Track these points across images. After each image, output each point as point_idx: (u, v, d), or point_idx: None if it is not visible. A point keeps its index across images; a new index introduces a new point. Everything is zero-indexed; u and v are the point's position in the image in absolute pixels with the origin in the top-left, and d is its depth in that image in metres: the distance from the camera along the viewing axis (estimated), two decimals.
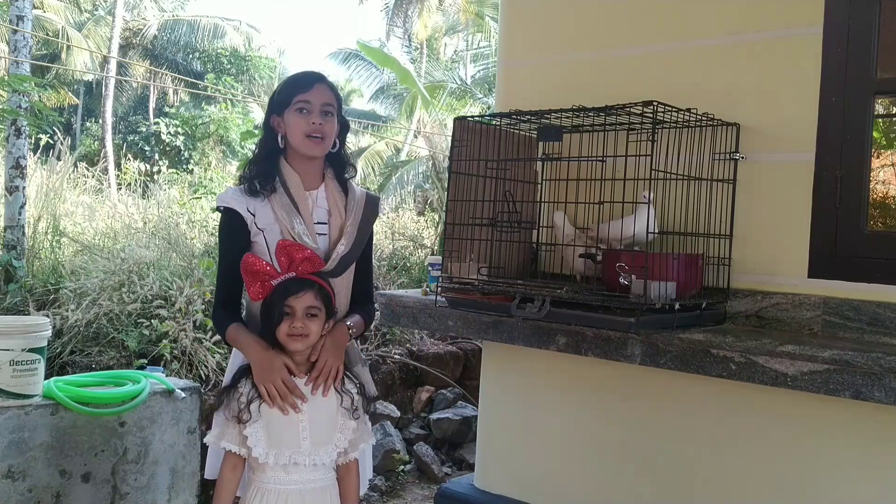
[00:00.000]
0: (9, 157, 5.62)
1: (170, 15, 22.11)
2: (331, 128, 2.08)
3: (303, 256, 1.95)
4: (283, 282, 1.92)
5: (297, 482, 1.89)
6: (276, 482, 1.89)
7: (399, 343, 5.36)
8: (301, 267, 1.94)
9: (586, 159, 2.32)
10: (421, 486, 4.27)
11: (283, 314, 1.89)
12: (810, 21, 2.23)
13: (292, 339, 1.89)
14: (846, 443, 2.12)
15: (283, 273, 1.94)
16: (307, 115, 2.04)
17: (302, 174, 2.10)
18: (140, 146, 18.35)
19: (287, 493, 1.89)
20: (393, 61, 10.74)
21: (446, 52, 23.58)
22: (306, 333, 1.90)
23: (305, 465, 1.90)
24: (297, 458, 1.88)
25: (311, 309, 1.91)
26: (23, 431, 2.24)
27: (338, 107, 2.12)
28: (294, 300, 1.89)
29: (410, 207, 10.91)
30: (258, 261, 1.95)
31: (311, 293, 1.91)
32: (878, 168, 3.59)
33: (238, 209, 2.04)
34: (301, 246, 1.97)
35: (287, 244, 1.96)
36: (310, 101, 2.05)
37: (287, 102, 2.07)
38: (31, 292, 4.91)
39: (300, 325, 1.89)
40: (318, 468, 1.92)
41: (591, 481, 2.62)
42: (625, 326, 2.10)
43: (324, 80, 2.12)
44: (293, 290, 1.90)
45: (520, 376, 2.82)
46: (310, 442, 1.90)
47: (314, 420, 1.92)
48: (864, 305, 2.12)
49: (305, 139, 2.04)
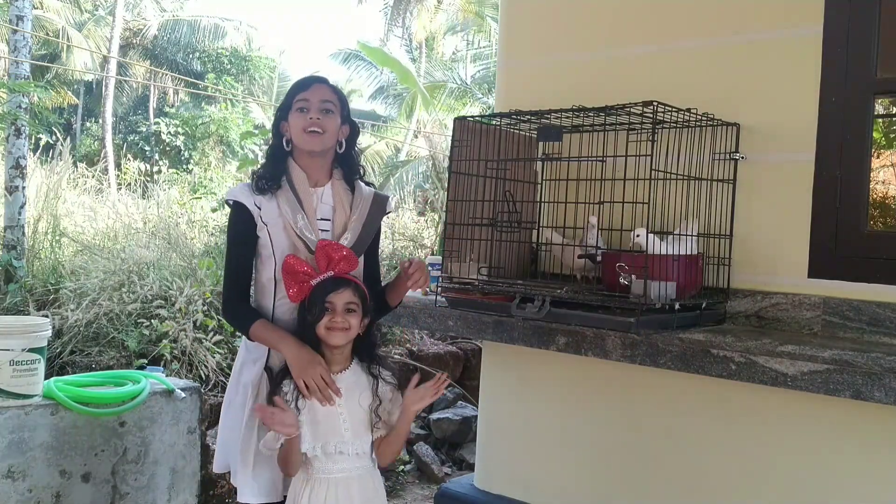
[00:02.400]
0: (9, 157, 5.62)
1: (170, 15, 22.11)
2: (331, 123, 2.12)
3: (340, 256, 2.02)
4: (323, 280, 2.00)
5: (342, 470, 1.98)
6: (324, 472, 1.97)
7: (399, 343, 5.36)
8: (339, 266, 2.02)
9: (586, 159, 2.32)
10: (421, 486, 4.27)
11: (323, 310, 1.96)
12: (810, 21, 2.23)
13: (333, 332, 1.96)
14: (846, 443, 2.12)
15: (322, 273, 2.01)
16: (306, 112, 2.10)
17: (308, 172, 2.14)
18: (140, 146, 18.35)
19: (335, 482, 1.97)
20: (393, 61, 10.75)
21: (445, 51, 23.57)
22: (346, 327, 1.97)
23: (349, 455, 1.98)
24: (342, 447, 1.97)
25: (350, 304, 1.98)
26: (23, 431, 2.24)
27: (341, 106, 2.17)
28: (334, 296, 1.97)
29: (410, 207, 10.90)
30: (298, 261, 2.02)
31: (349, 290, 1.99)
32: (878, 168, 3.59)
33: (245, 202, 2.09)
34: (339, 245, 2.04)
35: (325, 244, 2.03)
36: (308, 99, 2.11)
37: (289, 104, 2.14)
38: (31, 292, 4.91)
39: (340, 319, 1.96)
40: (361, 457, 2.01)
41: (591, 481, 2.62)
42: (625, 326, 2.10)
43: (323, 81, 2.18)
44: (332, 287, 1.98)
45: (520, 376, 2.82)
46: (351, 433, 1.99)
47: (352, 412, 2.00)
48: (864, 305, 2.12)
49: (304, 134, 2.09)
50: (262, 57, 21.59)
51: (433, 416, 4.79)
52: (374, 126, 17.64)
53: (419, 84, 11.25)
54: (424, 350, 5.25)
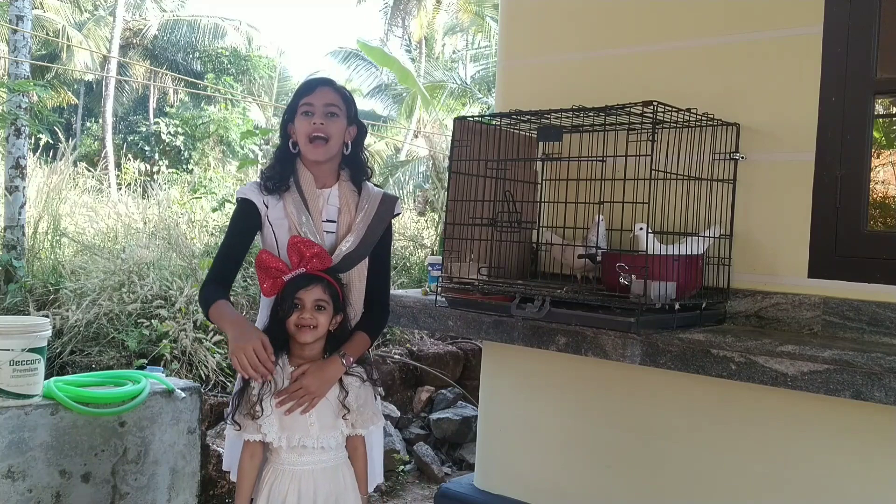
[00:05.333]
0: (9, 157, 5.62)
1: (170, 15, 22.11)
2: (336, 128, 2.13)
3: (312, 253, 2.03)
4: (294, 277, 2.03)
5: (308, 463, 2.01)
6: (289, 464, 2.01)
7: (399, 343, 5.36)
8: (311, 263, 2.03)
9: (586, 159, 2.32)
10: (421, 486, 4.27)
11: (293, 306, 1.99)
12: (810, 21, 2.23)
13: (301, 329, 1.99)
14: (846, 443, 2.12)
15: (294, 269, 2.03)
16: (311, 116, 2.11)
17: (315, 173, 2.17)
18: (140, 146, 18.34)
19: (300, 473, 2.01)
20: (393, 61, 10.74)
21: (445, 51, 23.56)
22: (315, 324, 1.99)
23: (314, 448, 2.01)
24: (306, 441, 2.00)
25: (320, 301, 2.00)
26: (23, 431, 2.24)
27: (347, 108, 2.18)
28: (303, 293, 1.99)
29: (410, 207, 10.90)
30: (271, 258, 2.05)
31: (319, 287, 2.01)
32: (878, 168, 3.59)
33: (254, 200, 2.13)
34: (311, 242, 2.06)
35: (297, 241, 2.05)
36: (312, 103, 2.12)
37: (295, 107, 2.16)
38: (31, 292, 4.91)
39: (309, 316, 1.98)
40: (327, 450, 2.04)
41: (591, 481, 2.62)
42: (625, 326, 2.10)
43: (328, 84, 2.19)
44: (302, 284, 2.01)
45: (520, 376, 2.82)
46: (318, 427, 2.01)
47: (320, 407, 2.02)
48: (864, 305, 2.12)
49: (308, 143, 2.12)
50: (261, 57, 21.59)
51: (433, 416, 4.79)
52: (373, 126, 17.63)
53: (419, 84, 11.24)
54: (424, 350, 5.25)
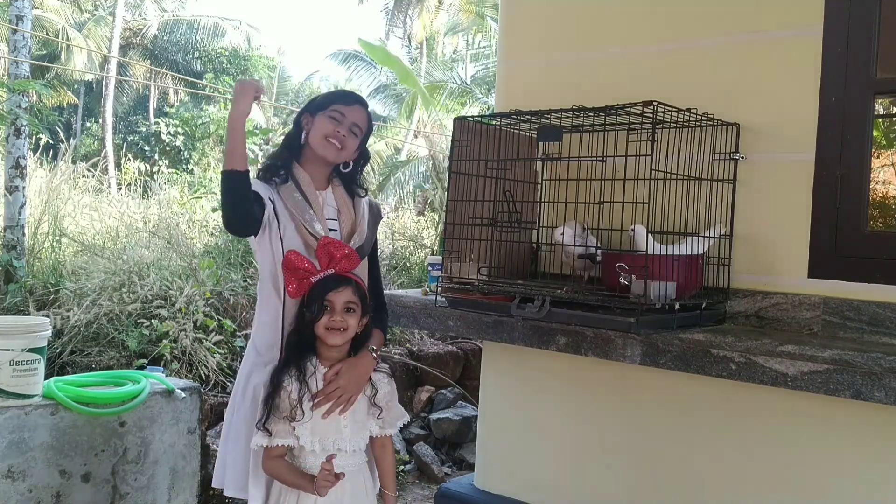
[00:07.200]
0: (9, 157, 5.62)
1: (170, 15, 22.11)
2: (352, 144, 2.17)
3: (342, 254, 2.02)
4: (323, 278, 2.00)
5: (338, 467, 1.96)
6: (318, 468, 1.94)
7: (399, 343, 5.36)
8: (341, 265, 2.02)
9: (586, 159, 2.32)
10: (421, 486, 4.27)
11: (322, 309, 1.96)
12: (810, 21, 2.23)
13: (331, 332, 1.96)
14: (846, 443, 2.12)
15: (323, 270, 2.01)
16: (336, 123, 2.13)
17: (312, 174, 2.17)
18: (140, 146, 18.33)
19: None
20: (394, 60, 10.73)
21: (446, 51, 23.56)
22: (345, 327, 1.97)
23: (346, 451, 1.97)
24: (341, 443, 1.97)
25: (350, 304, 1.98)
26: (23, 431, 2.24)
27: (365, 133, 2.21)
28: (333, 295, 1.97)
29: (410, 207, 10.91)
30: (300, 258, 2.01)
31: (350, 289, 1.99)
32: (878, 168, 3.59)
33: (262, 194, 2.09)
34: (341, 243, 2.05)
35: (327, 241, 2.03)
36: (345, 114, 2.14)
37: (324, 106, 2.16)
38: (31, 292, 4.91)
39: (339, 319, 1.96)
40: (357, 453, 2.01)
41: (591, 481, 2.62)
42: (625, 326, 2.10)
43: (365, 106, 2.22)
44: (332, 286, 1.98)
45: (520, 376, 2.82)
46: (350, 429, 1.99)
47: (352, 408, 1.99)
48: (864, 305, 2.12)
49: (324, 140, 2.12)
50: (261, 57, 21.59)
51: (433, 416, 4.79)
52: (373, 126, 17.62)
53: (419, 84, 11.24)
54: (424, 350, 5.25)
